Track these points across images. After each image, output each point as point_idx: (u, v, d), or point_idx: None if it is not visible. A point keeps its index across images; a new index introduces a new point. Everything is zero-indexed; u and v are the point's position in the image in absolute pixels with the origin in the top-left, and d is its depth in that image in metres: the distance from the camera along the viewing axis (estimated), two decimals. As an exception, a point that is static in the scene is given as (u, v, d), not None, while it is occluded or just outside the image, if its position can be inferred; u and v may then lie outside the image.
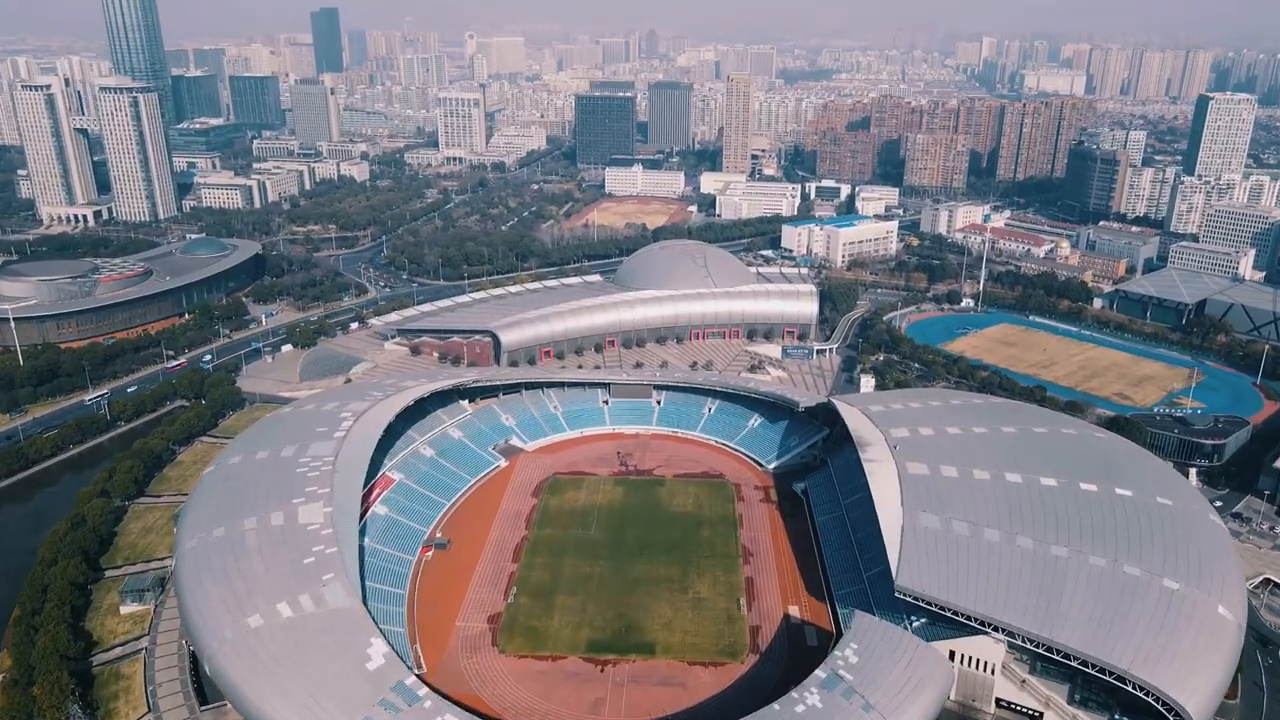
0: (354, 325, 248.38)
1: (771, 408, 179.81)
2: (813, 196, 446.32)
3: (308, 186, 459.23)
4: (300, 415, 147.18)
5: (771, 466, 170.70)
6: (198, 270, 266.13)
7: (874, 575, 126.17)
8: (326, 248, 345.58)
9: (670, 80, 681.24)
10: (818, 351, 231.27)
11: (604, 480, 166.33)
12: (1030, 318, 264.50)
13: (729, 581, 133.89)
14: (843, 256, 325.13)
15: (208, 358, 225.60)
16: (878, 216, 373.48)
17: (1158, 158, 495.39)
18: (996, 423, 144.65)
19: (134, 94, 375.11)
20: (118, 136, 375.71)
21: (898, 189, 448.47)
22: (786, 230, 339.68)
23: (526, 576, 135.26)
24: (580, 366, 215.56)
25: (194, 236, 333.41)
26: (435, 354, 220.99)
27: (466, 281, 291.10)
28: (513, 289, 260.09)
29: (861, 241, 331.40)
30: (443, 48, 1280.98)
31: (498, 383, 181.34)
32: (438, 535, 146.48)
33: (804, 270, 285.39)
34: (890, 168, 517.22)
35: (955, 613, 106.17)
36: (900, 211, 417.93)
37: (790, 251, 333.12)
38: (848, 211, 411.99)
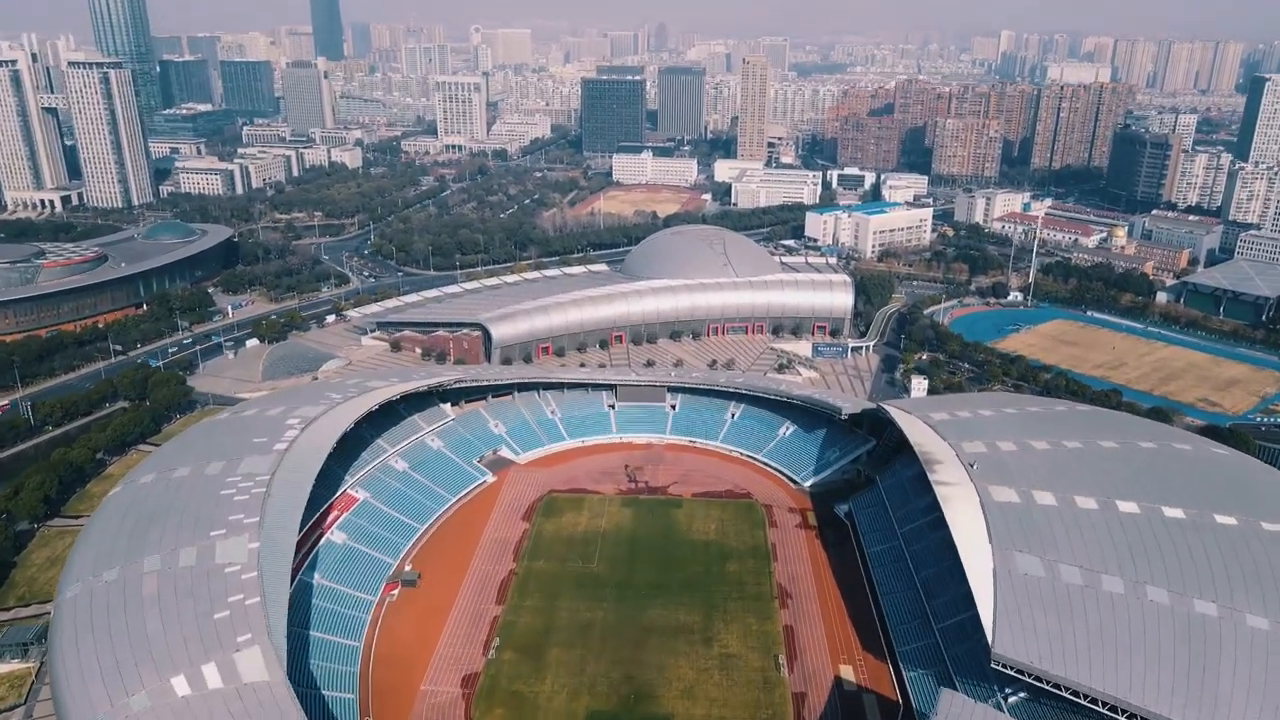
0: (330, 318, 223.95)
1: (806, 414, 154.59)
2: (835, 185, 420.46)
3: (295, 173, 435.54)
4: (237, 422, 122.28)
5: (808, 485, 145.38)
6: (159, 256, 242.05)
7: (949, 628, 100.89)
8: (309, 235, 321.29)
9: (682, 65, 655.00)
10: (853, 349, 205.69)
11: (609, 500, 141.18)
12: (1088, 313, 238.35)
13: (764, 632, 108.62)
14: (873, 246, 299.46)
15: (173, 349, 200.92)
16: (909, 204, 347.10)
17: (1198, 148, 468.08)
18: (1091, 435, 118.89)
19: (104, 70, 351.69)
20: (87, 116, 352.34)
21: (926, 177, 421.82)
22: (811, 218, 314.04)
23: (512, 623, 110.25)
24: (583, 365, 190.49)
25: (158, 219, 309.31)
26: (418, 350, 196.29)
27: (459, 271, 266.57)
28: (509, 279, 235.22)
29: (893, 230, 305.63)
30: (448, 43, 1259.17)
31: (485, 384, 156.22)
32: (406, 568, 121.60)
33: (832, 260, 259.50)
34: (915, 156, 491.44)
35: (1073, 691, 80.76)
36: (929, 201, 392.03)
37: (815, 241, 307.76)
38: (874, 200, 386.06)
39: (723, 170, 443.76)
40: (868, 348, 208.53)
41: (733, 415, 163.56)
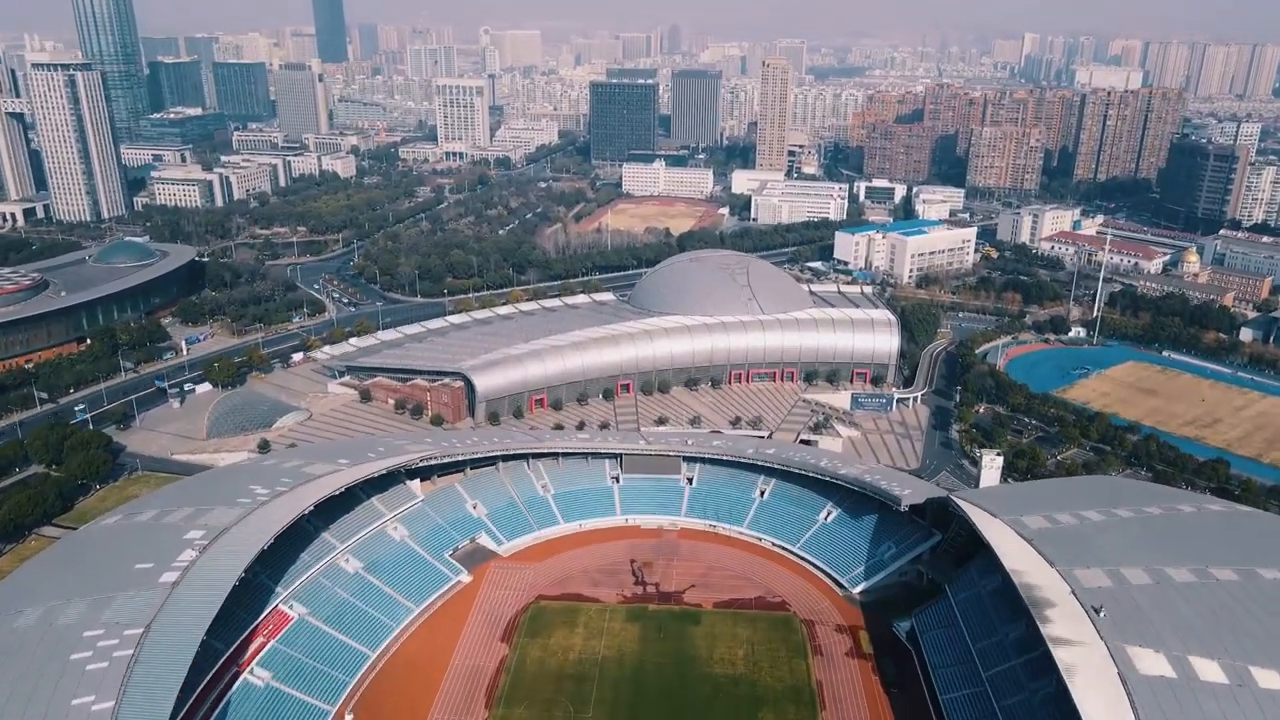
0: (296, 356, 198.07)
1: (852, 492, 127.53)
2: (862, 198, 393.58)
3: (282, 183, 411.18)
4: (121, 534, 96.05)
5: (858, 590, 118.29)
6: (109, 283, 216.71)
7: None
8: (288, 254, 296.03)
9: (696, 68, 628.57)
10: (898, 401, 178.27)
11: (610, 612, 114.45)
12: (1164, 354, 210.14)
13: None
14: (910, 271, 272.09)
15: (112, 397, 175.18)
16: (949, 223, 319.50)
17: (1257, 158, 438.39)
18: (1247, 556, 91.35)
19: (70, 72, 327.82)
20: (52, 122, 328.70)
21: (961, 190, 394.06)
22: (841, 239, 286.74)
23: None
24: (582, 424, 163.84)
25: (123, 236, 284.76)
26: (391, 401, 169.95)
27: (447, 299, 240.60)
28: (502, 310, 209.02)
29: (933, 252, 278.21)
30: (456, 44, 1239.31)
31: (460, 458, 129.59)
32: (347, 716, 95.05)
33: (866, 288, 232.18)
34: (946, 166, 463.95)
35: None
36: (965, 216, 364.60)
37: (845, 264, 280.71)
38: (905, 216, 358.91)
39: (741, 181, 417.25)
40: (915, 398, 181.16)
41: (762, 493, 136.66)
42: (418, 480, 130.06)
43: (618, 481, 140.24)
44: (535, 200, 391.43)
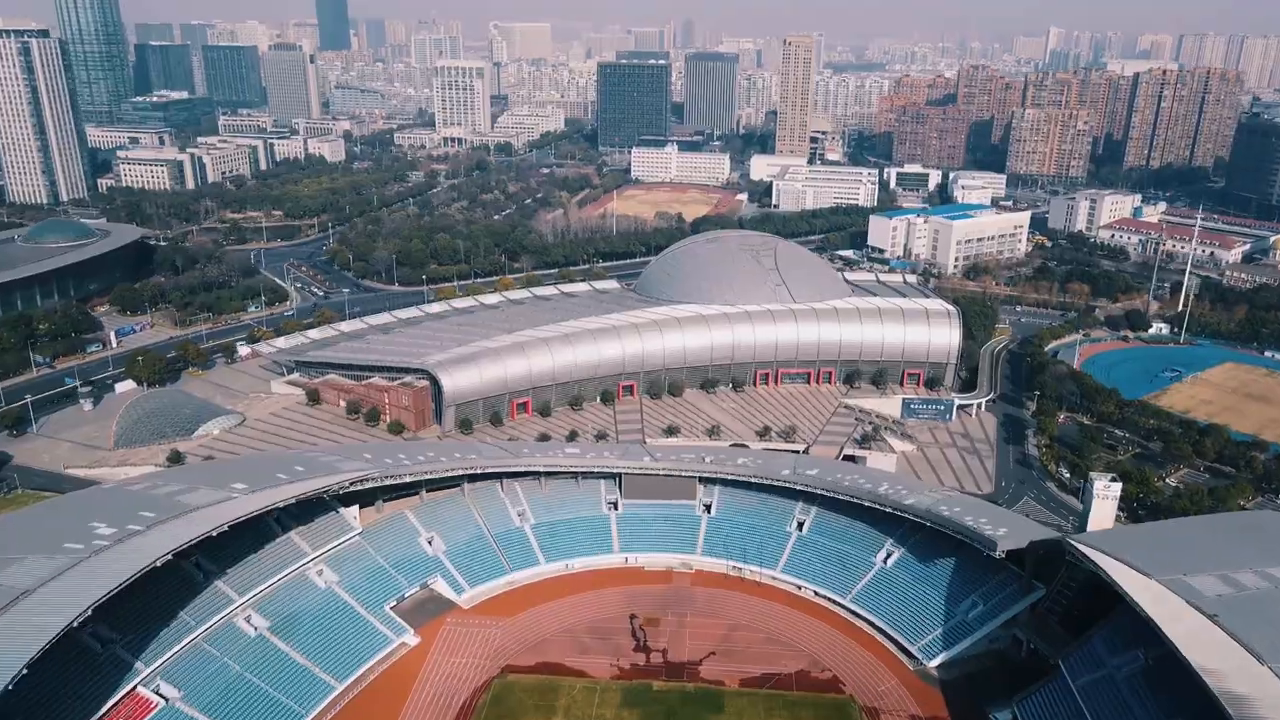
0: (243, 350, 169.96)
1: (917, 526, 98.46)
2: (893, 184, 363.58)
3: (264, 166, 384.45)
4: None
5: (935, 663, 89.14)
6: (34, 264, 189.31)
7: None
8: (257, 239, 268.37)
9: (711, 52, 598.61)
10: (959, 408, 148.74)
11: (603, 691, 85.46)
12: (1267, 354, 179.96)
13: None
14: (956, 259, 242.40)
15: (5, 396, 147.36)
16: (998, 207, 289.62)
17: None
18: None
19: (24, 39, 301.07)
20: (5, 95, 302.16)
21: (1004, 176, 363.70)
22: (875, 223, 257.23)
23: None
24: (574, 435, 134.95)
25: (76, 218, 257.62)
26: (343, 403, 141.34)
27: (427, 287, 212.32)
28: (488, 299, 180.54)
29: (981, 239, 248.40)
30: (467, 41, 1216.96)
31: (408, 479, 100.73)
32: None
33: (910, 277, 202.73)
34: (981, 154, 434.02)
35: None
36: (1008, 204, 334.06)
37: (881, 251, 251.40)
38: (941, 204, 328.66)
39: (760, 167, 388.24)
40: (979, 405, 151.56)
41: (801, 525, 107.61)
42: (355, 507, 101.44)
43: (616, 509, 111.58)
44: (536, 186, 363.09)
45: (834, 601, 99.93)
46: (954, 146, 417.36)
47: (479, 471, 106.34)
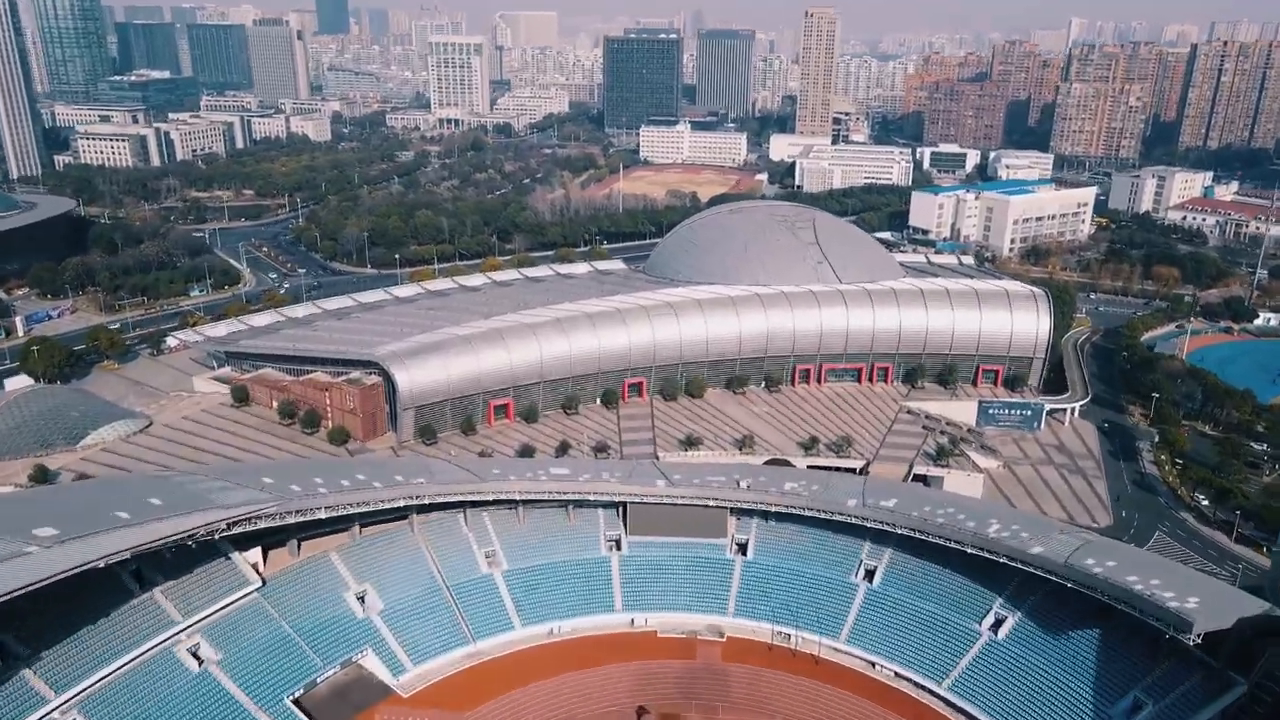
0: (174, 339, 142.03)
1: (1036, 579, 70.27)
2: (927, 165, 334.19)
3: (241, 145, 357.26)
4: None
5: (1089, 798, 60.24)
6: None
7: None
8: (219, 219, 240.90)
9: (725, 29, 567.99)
10: (1049, 413, 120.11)
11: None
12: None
13: None
14: (1012, 241, 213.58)
15: None
16: (1057, 182, 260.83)
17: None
18: None
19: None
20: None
21: (1050, 156, 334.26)
22: (919, 200, 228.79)
23: None
24: (565, 447, 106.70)
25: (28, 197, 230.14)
26: (275, 403, 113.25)
27: (401, 270, 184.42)
28: (469, 281, 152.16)
29: (1040, 218, 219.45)
30: (469, 29, 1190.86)
31: (323, 513, 72.42)
32: None
33: (965, 258, 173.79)
34: (1018, 135, 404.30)
35: None
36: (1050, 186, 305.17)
37: (925, 232, 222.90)
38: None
39: (781, 147, 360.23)
40: (1072, 411, 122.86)
41: (870, 574, 79.58)
42: (256, 550, 73.56)
43: (619, 549, 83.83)
44: (536, 166, 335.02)
45: (923, 688, 71.96)
46: (991, 126, 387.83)
47: (430, 501, 78.08)
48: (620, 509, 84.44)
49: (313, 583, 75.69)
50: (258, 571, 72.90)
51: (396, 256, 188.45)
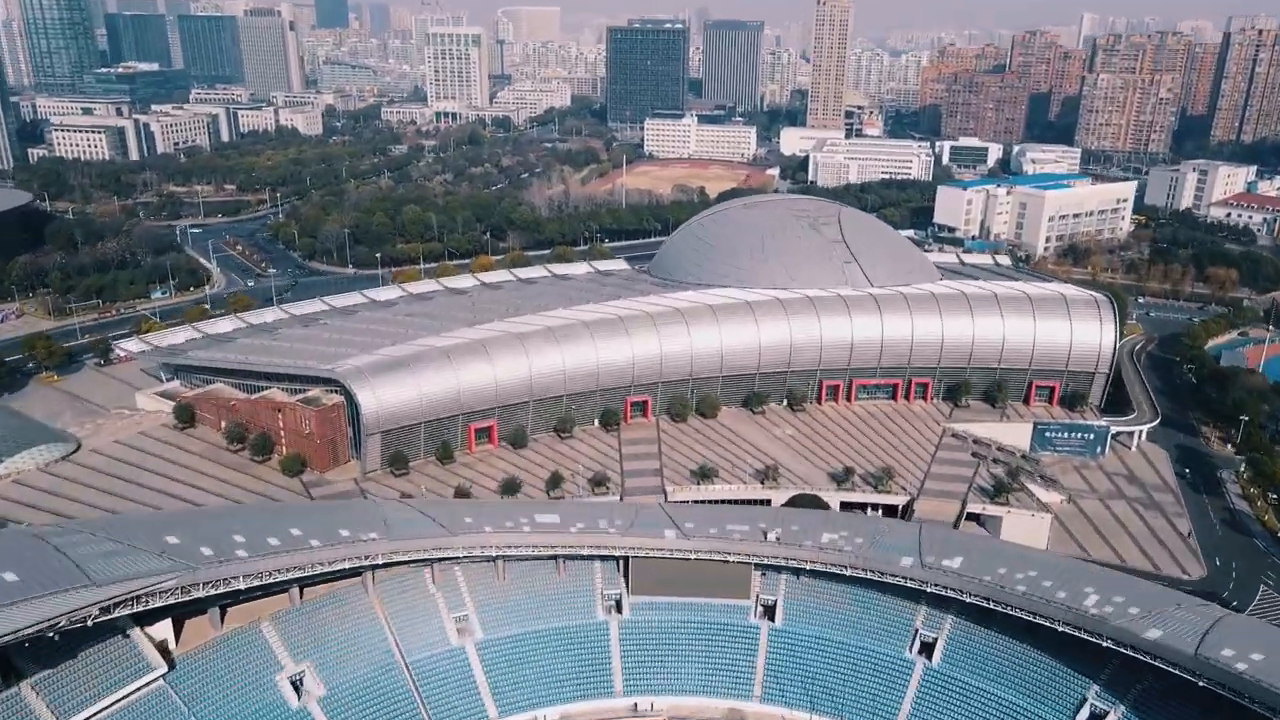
0: (124, 347, 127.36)
1: (1134, 660, 55.10)
2: (946, 159, 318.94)
3: (227, 137, 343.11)
4: None
5: None
6: None
7: None
8: (192, 214, 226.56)
9: (732, 20, 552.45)
10: (1112, 436, 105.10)
11: None
12: None
13: None
14: (1047, 239, 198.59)
15: None
16: (1094, 177, 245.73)
17: None
18: None
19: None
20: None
21: (1077, 150, 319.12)
22: (945, 195, 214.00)
23: None
24: (558, 480, 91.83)
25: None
26: (223, 424, 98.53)
27: (382, 270, 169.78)
28: (454, 282, 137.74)
29: (1078, 215, 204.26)
30: (471, 25, 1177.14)
31: (242, 583, 57.70)
32: None
33: (1001, 258, 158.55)
34: (1039, 129, 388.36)
35: None
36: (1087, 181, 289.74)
37: (951, 230, 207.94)
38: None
39: (792, 141, 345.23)
40: (1140, 434, 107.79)
41: (928, 648, 64.64)
42: (165, 624, 58.90)
43: (619, 612, 69.15)
44: (535, 160, 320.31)
45: (1004, 804, 57.12)
46: (1013, 119, 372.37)
47: (385, 559, 63.41)
48: (622, 564, 69.86)
49: (237, 663, 61.02)
50: (165, 652, 58.31)
51: (378, 255, 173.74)
